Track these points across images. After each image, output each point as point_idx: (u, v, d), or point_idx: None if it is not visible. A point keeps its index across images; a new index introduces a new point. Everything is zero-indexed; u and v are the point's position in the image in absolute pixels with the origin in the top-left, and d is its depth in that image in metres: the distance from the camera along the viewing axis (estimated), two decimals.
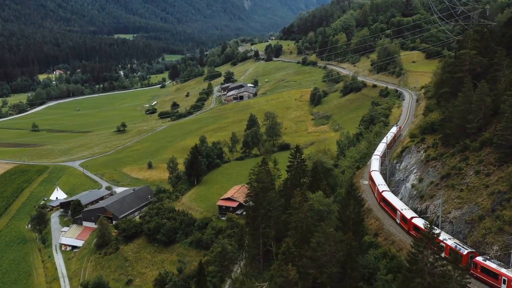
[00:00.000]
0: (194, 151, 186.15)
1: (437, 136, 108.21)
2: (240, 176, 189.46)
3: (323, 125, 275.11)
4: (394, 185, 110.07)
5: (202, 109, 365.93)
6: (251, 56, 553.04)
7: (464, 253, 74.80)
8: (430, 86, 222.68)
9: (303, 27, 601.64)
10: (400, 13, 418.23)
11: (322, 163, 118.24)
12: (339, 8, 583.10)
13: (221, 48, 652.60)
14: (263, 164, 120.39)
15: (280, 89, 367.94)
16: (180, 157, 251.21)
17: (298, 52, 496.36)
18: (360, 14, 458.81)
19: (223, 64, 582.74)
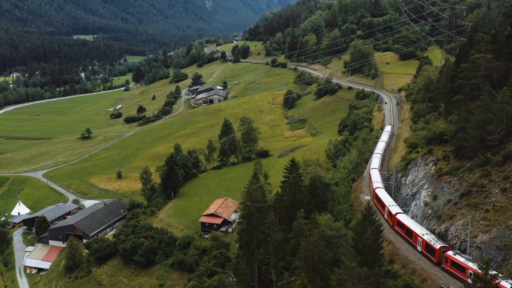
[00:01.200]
0: (171, 162, 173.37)
1: (447, 148, 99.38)
2: (220, 187, 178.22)
3: (299, 129, 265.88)
4: (402, 201, 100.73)
5: (171, 114, 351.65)
6: (217, 57, 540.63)
7: (437, 248, 78.96)
8: (412, 89, 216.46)
9: (269, 28, 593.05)
10: (369, 13, 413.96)
11: (320, 177, 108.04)
12: (306, 8, 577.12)
13: (186, 49, 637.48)
14: (254, 179, 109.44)
15: (251, 92, 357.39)
16: (151, 165, 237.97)
17: (267, 53, 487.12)
18: (329, 14, 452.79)
19: (189, 65, 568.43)
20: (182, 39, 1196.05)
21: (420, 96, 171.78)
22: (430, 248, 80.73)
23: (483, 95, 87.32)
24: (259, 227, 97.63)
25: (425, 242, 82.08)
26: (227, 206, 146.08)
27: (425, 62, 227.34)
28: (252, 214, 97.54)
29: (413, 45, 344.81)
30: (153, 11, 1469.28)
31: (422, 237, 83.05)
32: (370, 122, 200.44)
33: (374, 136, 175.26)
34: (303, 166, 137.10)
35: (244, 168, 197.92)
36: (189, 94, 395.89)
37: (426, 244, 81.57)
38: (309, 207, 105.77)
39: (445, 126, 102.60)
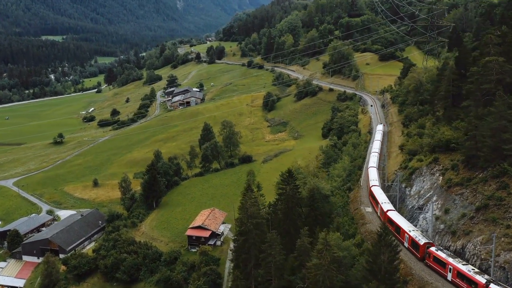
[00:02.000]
0: (152, 170, 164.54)
1: (454, 156, 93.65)
2: (204, 195, 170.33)
3: (281, 132, 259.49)
4: (407, 214, 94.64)
5: (146, 117, 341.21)
6: (192, 58, 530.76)
7: (421, 243, 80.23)
8: (397, 91, 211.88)
9: (243, 28, 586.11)
10: (346, 14, 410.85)
11: (319, 189, 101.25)
12: (280, 8, 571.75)
13: (159, 50, 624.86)
14: (249, 191, 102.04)
15: (229, 94, 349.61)
16: (129, 172, 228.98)
17: (242, 54, 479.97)
18: (306, 15, 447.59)
19: (163, 67, 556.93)
20: (153, 39, 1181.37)
21: (410, 99, 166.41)
22: (415, 244, 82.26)
23: (497, 101, 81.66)
24: (256, 244, 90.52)
25: (411, 238, 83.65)
26: (215, 217, 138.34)
27: (410, 64, 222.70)
28: (249, 231, 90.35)
29: (391, 45, 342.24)
30: (123, 11, 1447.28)
31: (408, 233, 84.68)
32: (357, 125, 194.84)
33: (363, 141, 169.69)
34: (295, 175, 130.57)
35: (227, 175, 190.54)
36: (164, 97, 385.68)
37: (412, 240, 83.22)
38: (308, 221, 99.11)
39: (451, 134, 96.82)
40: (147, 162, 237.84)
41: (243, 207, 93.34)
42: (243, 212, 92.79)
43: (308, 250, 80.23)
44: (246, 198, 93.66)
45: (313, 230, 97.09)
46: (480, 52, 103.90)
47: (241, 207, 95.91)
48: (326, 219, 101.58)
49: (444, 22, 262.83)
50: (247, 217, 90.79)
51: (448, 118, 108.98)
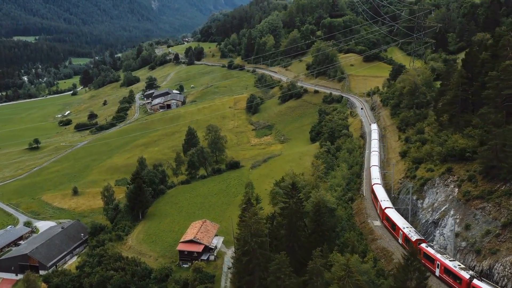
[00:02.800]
0: (138, 180, 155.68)
1: (470, 166, 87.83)
2: (193, 205, 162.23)
3: (266, 136, 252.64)
4: (421, 228, 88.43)
5: (126, 120, 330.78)
6: (170, 59, 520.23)
7: (413, 240, 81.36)
8: (387, 93, 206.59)
9: (222, 29, 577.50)
10: (327, 14, 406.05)
11: (324, 202, 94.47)
12: (259, 9, 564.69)
13: (136, 51, 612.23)
14: (248, 205, 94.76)
15: (210, 96, 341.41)
16: (110, 179, 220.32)
17: (222, 55, 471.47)
18: (286, 15, 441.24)
19: (140, 68, 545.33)
20: (129, 40, 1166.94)
21: (405, 102, 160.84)
22: (407, 240, 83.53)
23: None
24: (261, 265, 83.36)
25: (404, 235, 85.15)
26: (207, 230, 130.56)
27: (398, 65, 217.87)
28: (253, 251, 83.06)
29: (374, 46, 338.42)
30: (97, 11, 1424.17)
31: (402, 230, 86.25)
32: (348, 129, 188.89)
33: (357, 146, 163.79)
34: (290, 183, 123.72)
35: (215, 182, 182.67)
36: (144, 99, 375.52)
37: (405, 237, 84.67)
38: (313, 237, 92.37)
39: (465, 142, 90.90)
40: (129, 168, 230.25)
41: (246, 225, 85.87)
42: (246, 230, 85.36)
43: (321, 273, 73.36)
44: (249, 215, 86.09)
45: (319, 247, 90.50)
46: (492, 54, 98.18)
47: (243, 224, 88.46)
48: (331, 234, 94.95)
49: (430, 23, 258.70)
50: (251, 235, 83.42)
51: (456, 125, 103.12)
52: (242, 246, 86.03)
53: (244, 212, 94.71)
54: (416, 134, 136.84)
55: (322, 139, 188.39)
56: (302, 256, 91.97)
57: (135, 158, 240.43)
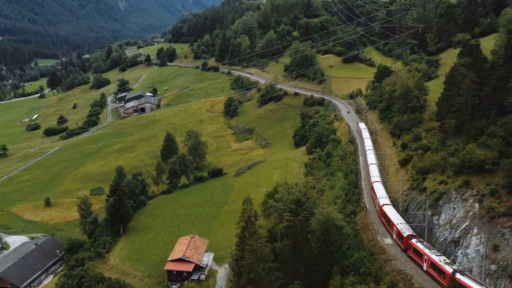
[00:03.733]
0: (119, 192, 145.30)
1: (490, 180, 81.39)
2: (176, 217, 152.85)
3: (247, 140, 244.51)
4: (440, 247, 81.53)
5: (98, 125, 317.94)
6: (141, 61, 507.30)
7: (404, 235, 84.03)
8: (373, 96, 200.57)
9: (193, 29, 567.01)
10: (302, 14, 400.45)
11: (333, 219, 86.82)
12: (231, 9, 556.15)
13: (105, 52, 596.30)
14: (249, 225, 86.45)
15: (185, 99, 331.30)
16: (84, 188, 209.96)
17: (195, 57, 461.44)
18: (261, 15, 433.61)
19: (110, 70, 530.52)
20: (96, 41, 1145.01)
21: (398, 106, 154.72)
22: (400, 236, 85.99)
23: None
24: None
25: (397, 231, 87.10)
26: (196, 247, 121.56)
27: (384, 67, 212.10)
28: (261, 278, 74.86)
29: (350, 47, 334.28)
30: (63, 11, 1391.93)
31: (396, 226, 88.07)
32: (335, 133, 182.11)
33: (349, 152, 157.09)
34: (285, 194, 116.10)
35: (198, 191, 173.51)
36: (116, 102, 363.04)
37: (398, 232, 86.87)
38: (321, 259, 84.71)
39: (484, 153, 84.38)
40: (104, 176, 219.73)
41: (251, 249, 77.49)
42: (252, 255, 77.06)
43: None
44: (255, 238, 77.76)
45: (328, 269, 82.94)
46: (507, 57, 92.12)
47: (247, 248, 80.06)
48: (339, 254, 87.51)
49: (412, 23, 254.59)
50: (257, 261, 75.24)
51: (466, 133, 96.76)
52: (248, 273, 77.63)
53: (244, 231, 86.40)
54: (413, 141, 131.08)
55: (309, 145, 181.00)
56: (308, 279, 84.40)
57: (110, 165, 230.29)
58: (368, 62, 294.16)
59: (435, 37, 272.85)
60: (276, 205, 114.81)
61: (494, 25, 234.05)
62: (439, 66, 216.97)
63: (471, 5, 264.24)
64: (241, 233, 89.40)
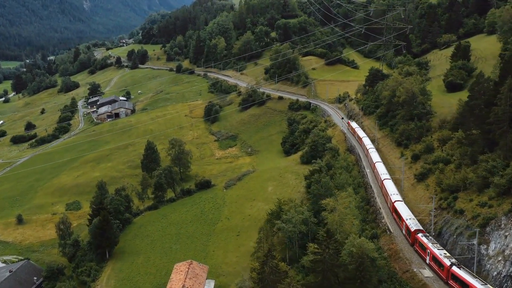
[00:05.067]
0: (104, 212, 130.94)
1: None
2: (166, 237, 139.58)
3: (231, 147, 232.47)
4: (493, 282, 71.29)
5: (70, 131, 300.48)
6: (112, 63, 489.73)
7: (412, 230, 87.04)
8: (365, 100, 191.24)
9: (164, 30, 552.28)
10: (279, 15, 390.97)
11: (367, 251, 75.92)
12: (203, 9, 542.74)
13: (73, 54, 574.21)
14: (269, 258, 74.77)
15: (162, 103, 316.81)
16: (59, 202, 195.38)
17: (168, 58, 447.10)
18: (236, 16, 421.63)
19: (79, 72, 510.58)
20: (61, 42, 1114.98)
21: (402, 112, 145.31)
22: (408, 230, 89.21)
23: None
24: None
25: (406, 226, 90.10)
26: (195, 275, 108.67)
27: (376, 70, 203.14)
28: None
29: (329, 48, 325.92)
30: (25, 11, 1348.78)
31: (405, 221, 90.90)
32: (330, 141, 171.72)
33: (351, 163, 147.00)
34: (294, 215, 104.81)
35: (187, 206, 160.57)
36: (87, 107, 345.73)
37: (407, 227, 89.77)
38: None
39: None
40: (80, 188, 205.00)
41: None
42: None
43: None
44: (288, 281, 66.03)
45: None
46: None
47: None
48: None
49: (400, 24, 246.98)
50: None
51: (503, 148, 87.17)
52: None
53: (264, 266, 74.75)
54: (425, 151, 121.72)
55: (304, 154, 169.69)
56: None
57: (86, 177, 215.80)
58: (353, 65, 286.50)
59: (417, 38, 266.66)
60: (285, 227, 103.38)
61: (479, 26, 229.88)
62: (429, 68, 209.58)
63: (455, 6, 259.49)
64: (260, 268, 77.75)
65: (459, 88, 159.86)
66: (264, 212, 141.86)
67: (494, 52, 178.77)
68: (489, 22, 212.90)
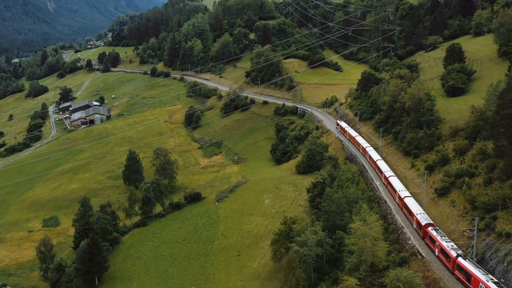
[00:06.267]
0: (94, 235, 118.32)
1: None
2: (161, 259, 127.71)
3: (216, 155, 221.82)
4: None
5: (42, 139, 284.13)
6: (82, 66, 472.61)
7: (422, 224, 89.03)
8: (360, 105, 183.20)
9: (136, 32, 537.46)
10: (257, 16, 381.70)
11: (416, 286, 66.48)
12: (175, 11, 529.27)
13: (40, 57, 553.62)
14: None
15: (139, 108, 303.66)
16: (35, 218, 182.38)
17: (141, 61, 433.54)
18: (212, 17, 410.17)
19: (47, 76, 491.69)
20: (25, 44, 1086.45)
21: (408, 120, 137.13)
22: (419, 224, 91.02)
23: None
24: None
25: (417, 220, 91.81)
26: None
27: (369, 73, 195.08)
28: None
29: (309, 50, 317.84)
30: None
31: (415, 215, 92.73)
32: (327, 150, 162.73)
33: (356, 173, 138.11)
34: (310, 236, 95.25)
35: (178, 222, 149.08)
36: (59, 113, 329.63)
37: (417, 222, 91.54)
38: None
39: None
40: (57, 202, 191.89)
41: None
42: None
43: None
44: None
45: None
46: None
47: None
48: None
49: (389, 26, 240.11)
50: None
51: None
52: None
53: None
54: (440, 162, 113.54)
55: (300, 164, 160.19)
56: None
57: (63, 189, 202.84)
58: (337, 68, 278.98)
59: (400, 40, 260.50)
60: (301, 251, 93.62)
61: (464, 27, 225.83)
62: (419, 71, 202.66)
63: (438, 7, 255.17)
64: None
65: (459, 92, 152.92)
66: (264, 228, 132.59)
67: (489, 54, 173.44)
68: (475, 23, 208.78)
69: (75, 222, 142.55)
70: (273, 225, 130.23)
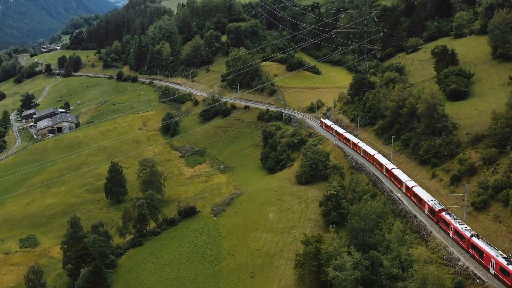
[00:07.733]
0: (98, 263, 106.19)
1: None
2: (165, 284, 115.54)
3: (200, 164, 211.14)
4: None
5: (7, 150, 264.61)
6: (41, 71, 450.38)
7: (436, 210, 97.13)
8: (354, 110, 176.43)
9: (96, 35, 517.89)
10: (226, 18, 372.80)
11: None
12: (137, 13, 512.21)
13: None
14: None
15: (109, 115, 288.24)
16: (10, 238, 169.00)
17: (105, 65, 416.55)
18: (180, 19, 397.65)
19: (3, 81, 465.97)
20: None
21: (422, 127, 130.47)
22: (432, 210, 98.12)
23: None
24: None
25: (429, 207, 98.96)
26: None
27: (362, 77, 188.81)
28: None
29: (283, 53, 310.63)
30: None
31: (427, 202, 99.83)
32: (329, 158, 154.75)
33: (369, 184, 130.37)
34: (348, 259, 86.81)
35: (176, 240, 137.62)
36: (22, 121, 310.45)
37: (430, 208, 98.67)
38: None
39: None
40: (33, 220, 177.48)
41: None
42: None
43: None
44: None
45: None
46: None
47: None
48: None
49: (375, 28, 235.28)
50: None
51: None
52: None
53: None
54: (467, 173, 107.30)
55: (302, 173, 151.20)
56: None
57: (38, 204, 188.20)
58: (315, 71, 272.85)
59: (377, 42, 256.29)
60: (340, 276, 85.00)
61: (442, 29, 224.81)
62: (406, 74, 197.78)
63: (415, 9, 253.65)
64: None
65: (462, 96, 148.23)
66: (274, 246, 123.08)
67: (481, 56, 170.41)
68: (456, 25, 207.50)
69: (63, 245, 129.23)
70: (284, 242, 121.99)
